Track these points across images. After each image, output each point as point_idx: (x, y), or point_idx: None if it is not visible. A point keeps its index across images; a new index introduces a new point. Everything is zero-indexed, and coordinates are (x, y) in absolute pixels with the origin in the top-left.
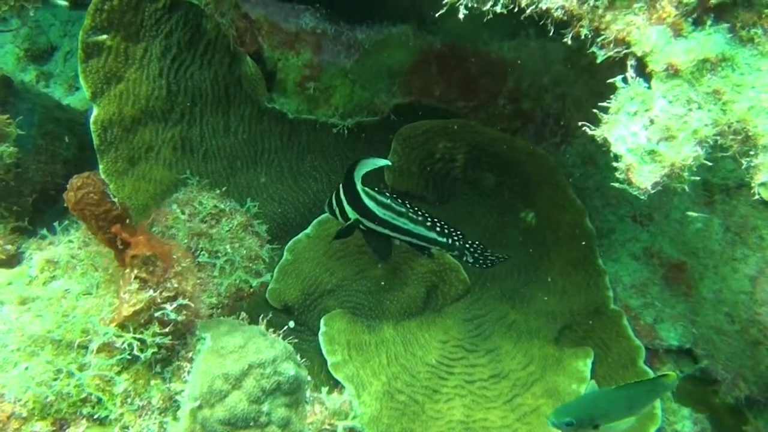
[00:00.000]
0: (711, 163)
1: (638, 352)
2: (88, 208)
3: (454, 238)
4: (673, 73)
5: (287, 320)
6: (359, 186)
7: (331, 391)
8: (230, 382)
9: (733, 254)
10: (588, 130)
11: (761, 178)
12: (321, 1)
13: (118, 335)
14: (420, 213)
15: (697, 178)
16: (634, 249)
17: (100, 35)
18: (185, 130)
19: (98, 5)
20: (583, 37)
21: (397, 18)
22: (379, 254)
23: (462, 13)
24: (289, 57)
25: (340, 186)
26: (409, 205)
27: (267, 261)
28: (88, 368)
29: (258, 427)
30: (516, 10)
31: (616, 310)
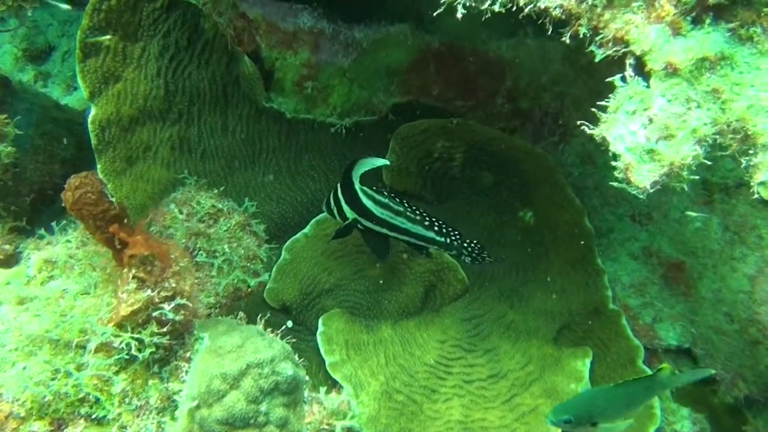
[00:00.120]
0: (710, 162)
1: (637, 351)
2: (85, 208)
3: (452, 237)
4: (672, 71)
5: (285, 320)
6: (357, 185)
7: (330, 391)
8: (228, 382)
9: (732, 253)
10: (587, 129)
11: (761, 177)
12: (319, 1)
13: (116, 335)
14: (418, 212)
15: (696, 177)
16: (633, 248)
17: (101, 36)
18: (183, 130)
19: (96, 5)
20: (581, 36)
21: (395, 17)
22: (377, 253)
23: (460, 13)
24: (287, 56)
25: (338, 185)
26: (407, 205)
27: (265, 261)
28: (86, 368)
29: (256, 426)
30: (514, 9)
31: (615, 309)
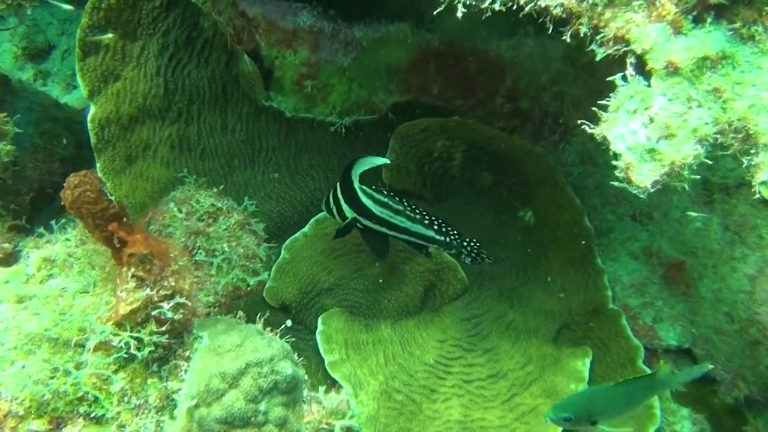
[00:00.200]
0: (711, 162)
1: (637, 351)
2: (85, 207)
3: (452, 236)
4: (673, 71)
5: (285, 319)
6: (356, 184)
7: (329, 391)
8: (227, 381)
9: (733, 253)
10: (587, 129)
11: (762, 176)
12: None
13: (114, 334)
14: (418, 211)
15: (697, 177)
16: (633, 248)
17: (101, 35)
18: (183, 129)
19: (96, 3)
20: (582, 35)
21: (395, 16)
22: (377, 253)
23: (460, 12)
24: (287, 55)
25: (338, 184)
26: (406, 203)
27: (264, 259)
28: (85, 367)
29: (255, 426)
30: (515, 7)
31: (615, 309)
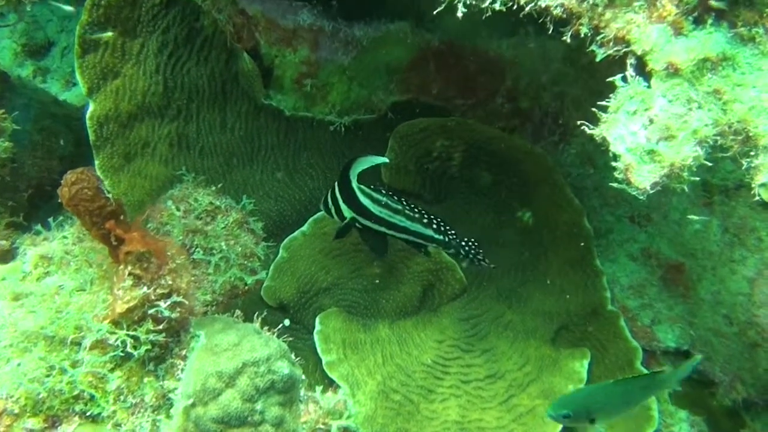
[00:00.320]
0: (711, 164)
1: (635, 353)
2: (82, 204)
3: (451, 235)
4: (673, 72)
5: (282, 318)
6: (355, 184)
7: (326, 390)
8: (224, 381)
9: (732, 256)
10: (587, 129)
11: (761, 178)
12: None
13: (111, 332)
14: (416, 210)
15: (697, 179)
16: (632, 250)
17: (101, 32)
18: (182, 127)
19: (95, 0)
20: (582, 35)
21: (395, 15)
22: (376, 252)
23: (461, 11)
24: (287, 54)
25: (336, 184)
26: (405, 202)
27: (262, 258)
28: (81, 365)
29: (251, 425)
30: (515, 7)
31: (614, 311)
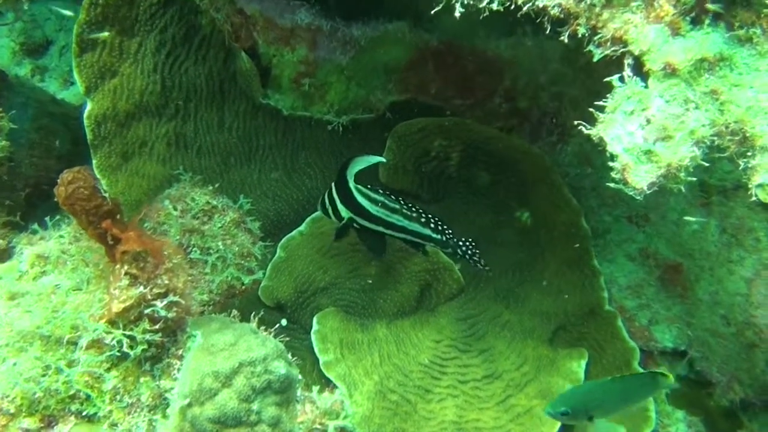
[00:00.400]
0: (708, 164)
1: (633, 353)
2: (78, 203)
3: (448, 235)
4: (670, 72)
5: (280, 318)
6: (352, 184)
7: (323, 390)
8: (220, 380)
9: (730, 256)
10: (584, 129)
11: (758, 179)
12: None
13: (107, 332)
14: (414, 209)
15: (694, 179)
16: (630, 250)
17: (99, 32)
18: (179, 126)
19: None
20: (580, 35)
21: (393, 15)
22: (374, 252)
23: (458, 11)
24: (285, 53)
25: (333, 184)
26: (402, 202)
27: (259, 258)
28: (77, 365)
29: (248, 425)
30: (512, 7)
31: (611, 311)
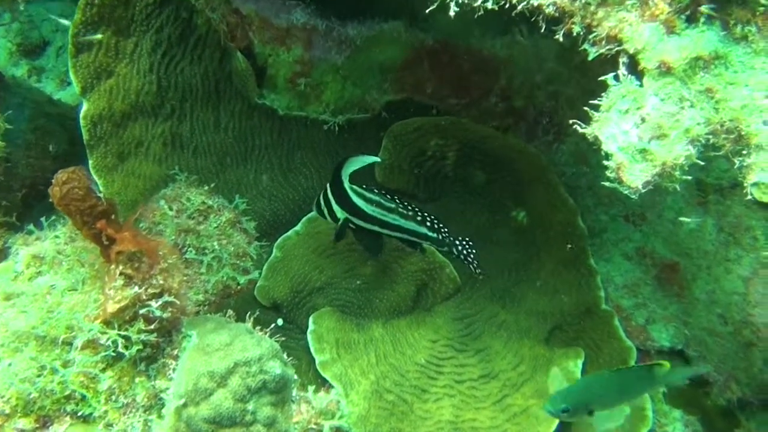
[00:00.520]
0: (703, 163)
1: (629, 353)
2: (73, 204)
3: (444, 233)
4: (665, 70)
5: (275, 318)
6: (347, 184)
7: (319, 390)
8: (215, 380)
9: (727, 255)
10: (578, 128)
11: (754, 177)
12: None
13: (102, 332)
14: (410, 208)
15: (689, 178)
16: (627, 249)
17: (93, 35)
18: (175, 126)
19: (89, 0)
20: (575, 34)
21: (388, 14)
22: (370, 251)
23: (452, 10)
24: (280, 53)
25: (327, 185)
26: (398, 201)
27: (255, 258)
28: (73, 365)
29: (243, 425)
30: (507, 6)
31: (608, 310)
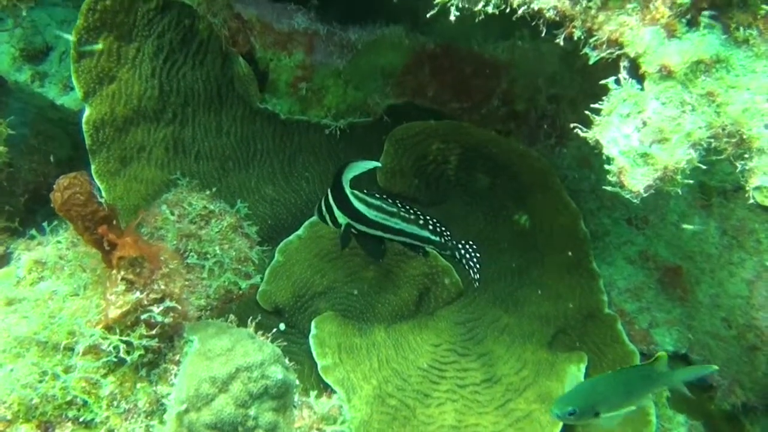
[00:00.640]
0: (705, 167)
1: (633, 357)
2: (74, 209)
3: (447, 237)
4: (666, 74)
5: (278, 322)
6: (348, 189)
7: (321, 395)
8: (217, 386)
9: (730, 258)
10: (580, 132)
11: (756, 181)
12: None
13: (104, 337)
14: (412, 211)
15: (691, 182)
16: (630, 252)
17: (95, 42)
18: (177, 131)
19: (91, 5)
20: (576, 38)
21: (390, 18)
22: (373, 256)
23: (453, 14)
24: (282, 57)
25: (329, 191)
26: (400, 205)
27: (257, 263)
28: (74, 370)
29: (245, 431)
30: (508, 10)
31: (611, 314)
